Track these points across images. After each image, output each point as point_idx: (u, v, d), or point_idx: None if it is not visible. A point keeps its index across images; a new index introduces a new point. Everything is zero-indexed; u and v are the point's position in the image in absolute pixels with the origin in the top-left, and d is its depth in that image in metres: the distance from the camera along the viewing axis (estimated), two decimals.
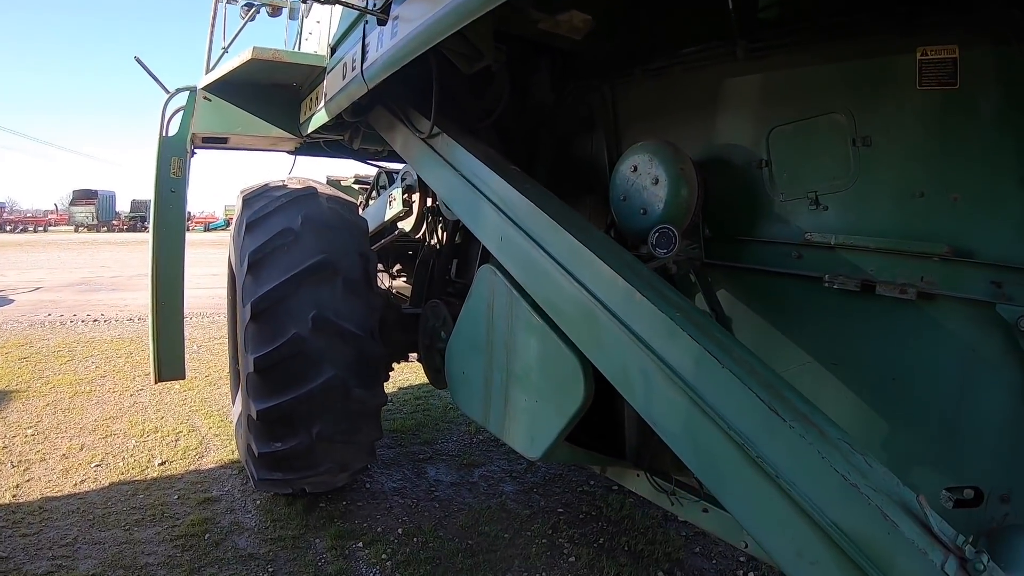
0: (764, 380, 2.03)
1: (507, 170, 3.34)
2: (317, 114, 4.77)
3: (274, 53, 4.64)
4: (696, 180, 3.17)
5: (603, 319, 2.52)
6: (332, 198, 4.87)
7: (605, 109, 4.04)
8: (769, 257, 3.11)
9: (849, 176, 2.75)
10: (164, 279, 5.35)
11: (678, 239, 2.95)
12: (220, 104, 5.39)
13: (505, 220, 3.10)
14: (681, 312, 2.33)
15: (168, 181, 5.38)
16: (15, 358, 9.82)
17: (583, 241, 2.69)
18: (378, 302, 4.59)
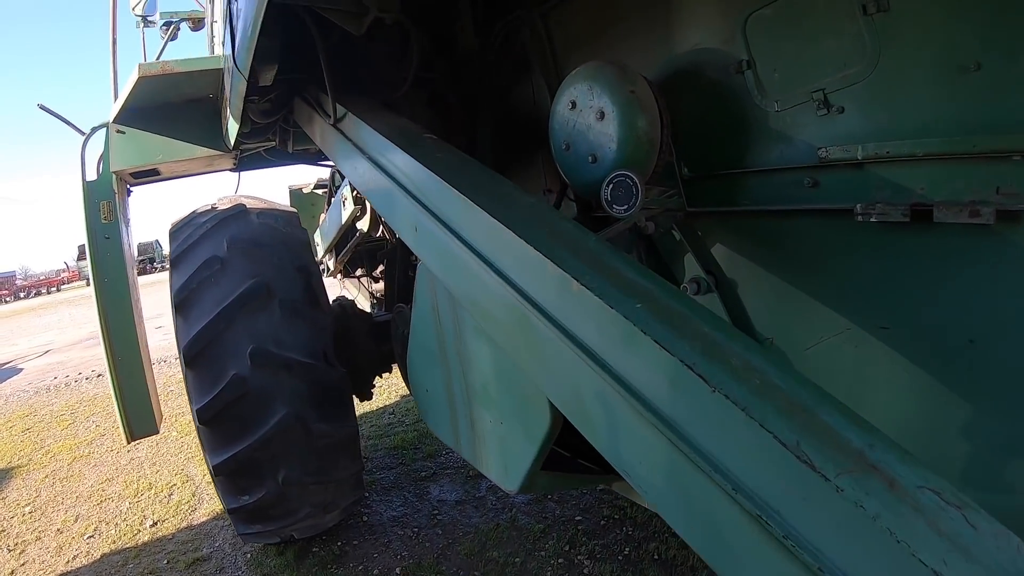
0: (789, 401, 1.22)
1: (418, 144, 2.62)
2: (229, 123, 4.00)
3: (163, 66, 4.04)
4: (657, 104, 2.38)
5: (538, 326, 1.73)
6: (264, 212, 4.28)
7: (539, 43, 3.26)
8: (773, 191, 2.34)
9: (865, 58, 1.98)
10: (116, 332, 4.74)
11: (640, 188, 2.13)
12: (135, 135, 4.70)
13: (416, 206, 2.34)
14: (646, 301, 1.51)
15: (100, 228, 4.74)
16: (19, 430, 9.59)
17: (505, 218, 1.90)
18: (327, 320, 3.92)
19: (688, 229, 2.64)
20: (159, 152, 4.72)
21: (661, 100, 2.39)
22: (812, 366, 2.29)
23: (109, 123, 4.68)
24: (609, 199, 2.20)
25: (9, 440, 9.16)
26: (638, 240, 2.72)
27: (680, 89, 2.55)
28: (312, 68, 3.35)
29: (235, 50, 2.99)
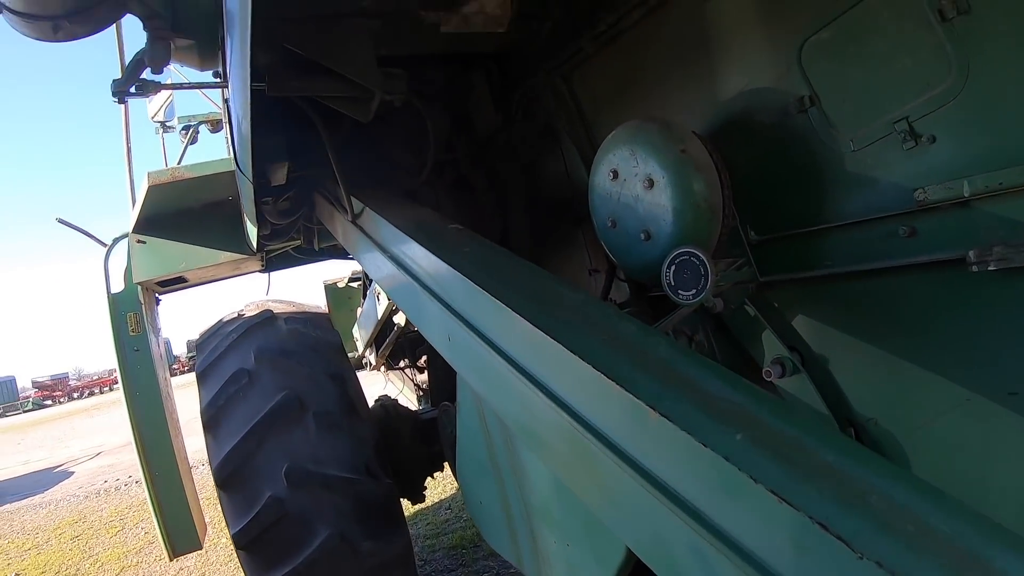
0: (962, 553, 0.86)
1: (442, 238, 2.30)
2: (248, 226, 3.76)
3: (172, 173, 3.90)
4: (713, 161, 2.04)
5: (605, 461, 1.33)
6: (293, 317, 4.04)
7: (564, 108, 2.96)
8: (861, 248, 1.96)
9: (952, 73, 1.67)
10: (151, 447, 4.55)
11: (709, 268, 1.77)
12: (156, 244, 4.54)
13: (446, 312, 1.98)
14: (748, 428, 1.17)
15: (129, 341, 4.58)
16: (68, 537, 9.53)
17: (550, 326, 1.52)
18: (366, 429, 3.62)
19: (763, 302, 2.26)
20: (182, 260, 4.53)
21: (717, 156, 2.05)
22: (928, 446, 1.90)
23: (129, 233, 4.52)
24: (673, 284, 1.84)
25: (58, 548, 9.06)
26: (705, 320, 2.34)
27: (736, 140, 2.21)
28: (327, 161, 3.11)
29: (236, 152, 2.76)
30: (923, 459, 1.91)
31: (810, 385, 2.11)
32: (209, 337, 3.95)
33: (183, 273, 4.64)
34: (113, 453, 18.19)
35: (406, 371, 6.09)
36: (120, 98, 2.95)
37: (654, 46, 2.47)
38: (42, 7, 2.58)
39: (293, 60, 2.44)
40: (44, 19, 2.63)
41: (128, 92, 2.94)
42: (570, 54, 2.76)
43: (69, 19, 2.64)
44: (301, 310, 4.13)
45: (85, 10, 2.65)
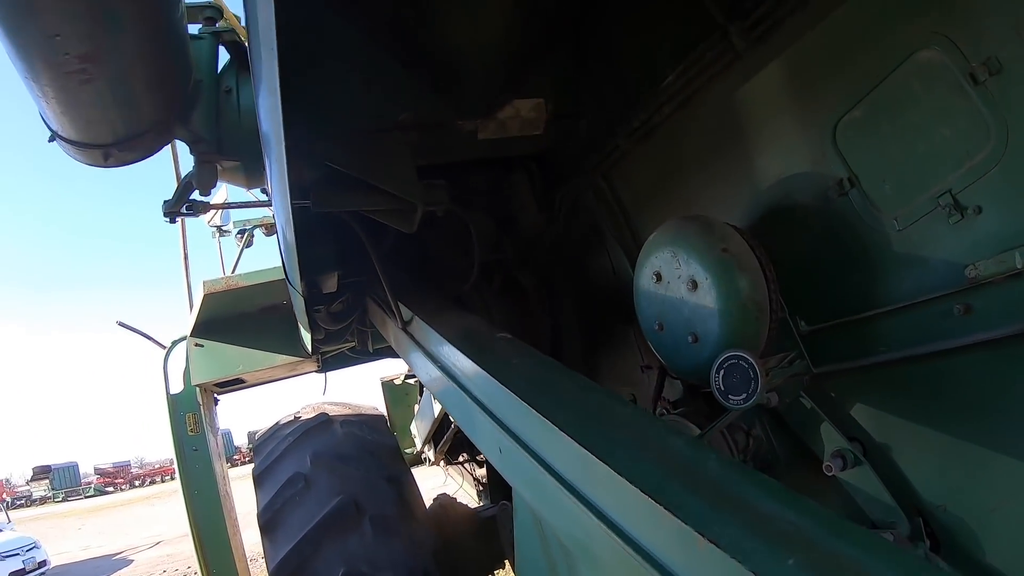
0: None
1: (490, 350, 2.27)
2: (303, 331, 3.84)
3: (227, 282, 4.00)
4: (756, 257, 2.00)
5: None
6: (349, 420, 4.04)
7: (606, 206, 2.96)
8: (916, 331, 1.88)
9: (991, 137, 1.61)
10: (208, 544, 4.61)
11: (759, 371, 1.72)
12: (214, 347, 4.66)
13: (495, 425, 1.95)
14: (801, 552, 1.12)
15: (187, 440, 4.70)
16: None
17: (597, 446, 1.49)
18: (424, 532, 3.54)
19: (819, 393, 2.17)
20: (239, 363, 4.63)
21: (760, 251, 2.01)
22: (1002, 530, 1.79)
23: (187, 337, 4.65)
24: (722, 388, 1.79)
25: None
26: (762, 413, 2.27)
27: (778, 230, 2.18)
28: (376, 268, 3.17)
29: (285, 264, 2.83)
30: (998, 544, 1.80)
31: (873, 475, 2.02)
32: (266, 440, 3.98)
33: (240, 375, 4.74)
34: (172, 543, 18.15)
35: (465, 466, 6.02)
36: (172, 219, 3.08)
37: (688, 139, 2.48)
38: (93, 136, 2.73)
39: (336, 176, 2.51)
40: (95, 147, 2.79)
41: (179, 212, 3.08)
42: (607, 152, 2.78)
43: (118, 147, 2.80)
44: (357, 412, 4.14)
45: (133, 138, 2.80)
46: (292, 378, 5.45)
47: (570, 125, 2.90)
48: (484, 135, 2.73)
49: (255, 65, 1.94)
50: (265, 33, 1.65)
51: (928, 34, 1.68)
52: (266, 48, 1.67)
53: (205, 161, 3.00)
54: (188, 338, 4.61)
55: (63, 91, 2.36)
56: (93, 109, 2.54)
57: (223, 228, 6.60)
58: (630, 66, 2.66)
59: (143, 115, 2.75)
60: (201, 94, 3.00)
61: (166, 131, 2.88)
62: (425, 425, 5.17)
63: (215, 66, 3.17)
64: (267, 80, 1.83)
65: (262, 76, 1.85)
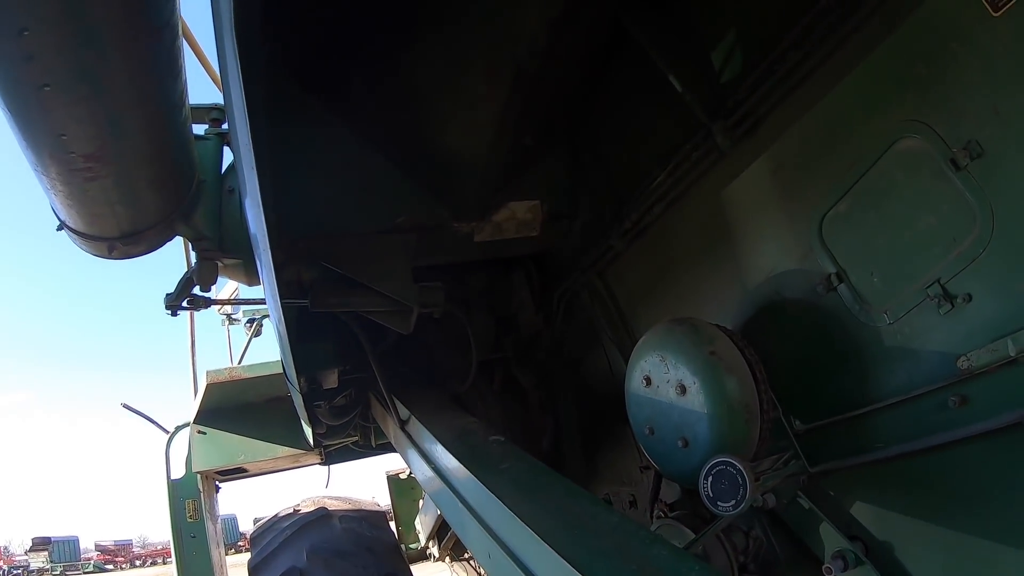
0: None
1: (482, 454, 2.28)
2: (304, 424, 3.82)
3: (230, 372, 4.02)
4: (745, 358, 1.99)
5: None
6: (348, 515, 4.05)
7: (602, 305, 2.97)
8: (911, 425, 1.84)
9: (976, 222, 1.61)
10: None
11: (747, 478, 1.69)
12: (217, 435, 4.65)
13: (484, 531, 1.92)
14: None
15: (186, 527, 4.63)
16: None
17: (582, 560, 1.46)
18: None
19: (817, 492, 2.12)
20: (241, 452, 4.60)
21: (749, 351, 2.01)
22: None
23: (191, 423, 4.65)
24: (711, 495, 1.77)
25: None
26: (761, 515, 2.22)
27: (768, 328, 2.18)
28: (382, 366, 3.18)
29: (283, 360, 2.84)
30: None
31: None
32: (264, 531, 3.97)
33: (242, 464, 4.70)
34: None
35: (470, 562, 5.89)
36: (173, 311, 3.12)
37: (678, 238, 2.51)
38: (99, 229, 2.79)
39: (334, 276, 2.55)
40: (100, 240, 2.84)
41: (180, 306, 3.12)
42: (602, 251, 2.81)
43: (122, 241, 2.84)
44: (357, 507, 4.11)
45: (137, 234, 2.85)
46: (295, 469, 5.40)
47: (565, 226, 2.95)
48: (481, 237, 2.77)
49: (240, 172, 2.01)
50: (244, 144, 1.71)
51: (907, 122, 1.72)
52: (246, 157, 1.74)
53: (206, 258, 3.05)
54: (191, 425, 4.61)
55: (69, 185, 2.43)
56: (98, 204, 2.60)
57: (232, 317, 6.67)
58: (620, 167, 2.72)
59: (147, 212, 2.81)
60: (204, 193, 3.07)
61: (169, 228, 2.94)
62: (429, 520, 5.08)
63: (219, 166, 3.26)
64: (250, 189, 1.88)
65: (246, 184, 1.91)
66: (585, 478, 3.37)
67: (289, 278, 2.56)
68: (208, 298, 3.27)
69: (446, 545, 5.25)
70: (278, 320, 2.44)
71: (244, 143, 1.73)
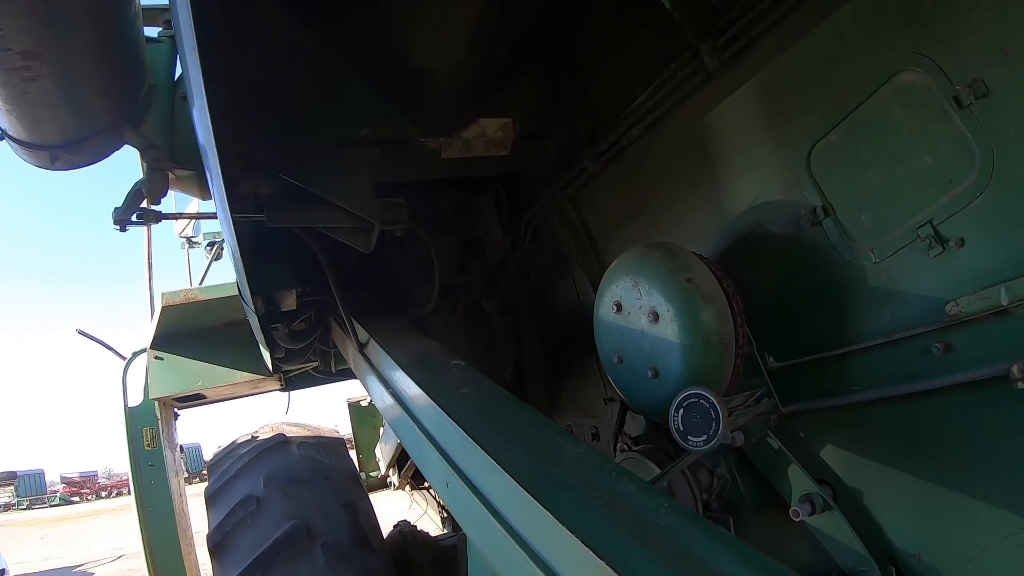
0: None
1: (442, 378, 2.16)
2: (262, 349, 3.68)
3: (185, 295, 3.88)
4: (722, 288, 1.89)
5: None
6: (306, 442, 3.87)
7: (572, 230, 2.81)
8: (891, 369, 1.78)
9: (976, 165, 1.52)
10: (162, 563, 4.49)
11: (721, 412, 1.59)
12: (175, 361, 4.48)
13: (442, 459, 1.82)
14: None
15: (144, 455, 4.50)
16: None
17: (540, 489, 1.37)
18: (379, 562, 3.39)
19: (788, 433, 2.05)
20: (199, 378, 4.46)
21: (727, 282, 1.91)
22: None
23: (147, 349, 4.48)
24: (681, 429, 1.67)
25: None
26: (727, 453, 2.15)
27: (747, 260, 2.08)
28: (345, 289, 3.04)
29: (238, 281, 2.70)
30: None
31: (843, 521, 1.89)
32: (221, 459, 3.83)
33: (201, 391, 4.57)
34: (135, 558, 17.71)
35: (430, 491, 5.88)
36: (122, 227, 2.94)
37: (657, 163, 2.39)
38: (41, 136, 2.61)
39: (292, 190, 2.41)
40: (43, 149, 2.66)
41: (129, 221, 2.93)
42: (575, 175, 2.68)
43: (66, 149, 2.67)
44: (316, 434, 4.00)
45: (82, 141, 2.67)
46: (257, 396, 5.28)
47: (538, 147, 2.81)
48: (449, 154, 2.62)
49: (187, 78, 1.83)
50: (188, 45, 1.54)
51: (909, 54, 1.60)
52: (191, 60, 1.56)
53: (156, 168, 2.86)
54: (148, 350, 4.44)
55: (7, 87, 2.25)
56: (40, 109, 2.43)
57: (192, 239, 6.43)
58: (600, 87, 2.58)
59: (93, 118, 2.62)
60: (155, 99, 2.88)
61: (117, 135, 2.76)
62: (389, 448, 5.02)
63: (172, 71, 3.05)
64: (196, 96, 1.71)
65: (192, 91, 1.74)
66: (547, 408, 3.30)
67: (245, 192, 2.41)
68: (159, 212, 3.08)
69: (406, 474, 5.21)
70: (230, 237, 2.29)
71: (188, 44, 1.55)
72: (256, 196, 2.44)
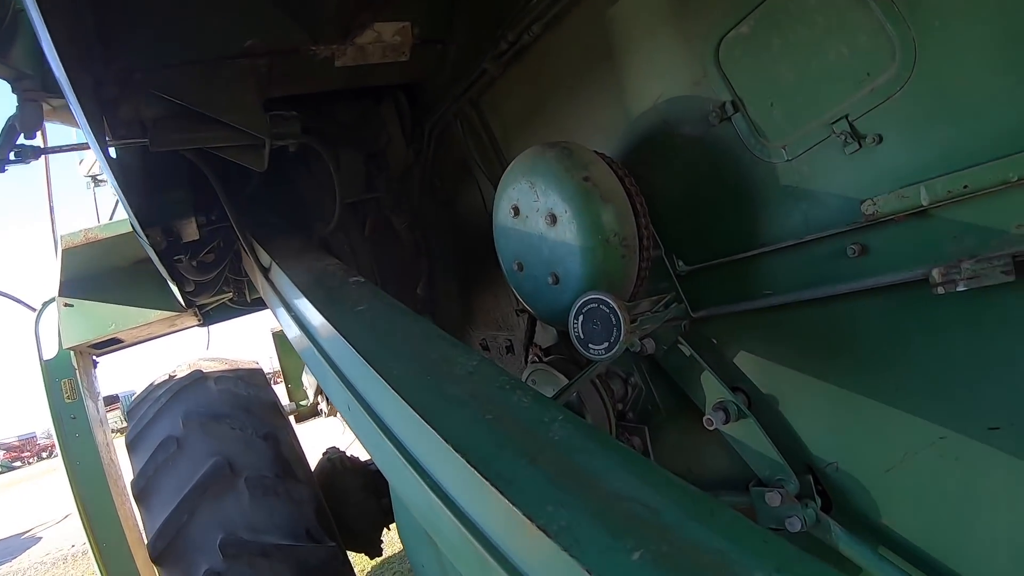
0: None
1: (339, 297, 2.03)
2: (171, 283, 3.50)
3: (85, 235, 3.65)
4: (625, 187, 1.78)
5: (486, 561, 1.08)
6: (224, 376, 3.77)
7: (475, 137, 2.69)
8: (804, 272, 1.70)
9: (897, 56, 1.40)
10: (95, 517, 4.21)
11: (622, 317, 1.51)
12: (84, 306, 4.22)
13: (339, 381, 1.71)
14: (647, 544, 0.92)
15: (65, 409, 4.27)
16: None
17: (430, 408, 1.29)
18: (305, 491, 3.33)
19: (700, 339, 1.99)
20: (111, 322, 4.21)
21: (629, 180, 1.80)
22: (899, 491, 1.65)
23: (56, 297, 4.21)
24: (582, 336, 1.59)
25: None
26: (640, 362, 2.10)
27: (653, 160, 1.97)
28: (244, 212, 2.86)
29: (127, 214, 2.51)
30: (894, 505, 1.67)
31: (759, 429, 1.85)
32: (139, 403, 3.71)
33: (116, 335, 4.35)
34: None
35: None
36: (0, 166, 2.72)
37: (559, 62, 2.24)
38: None
39: (176, 110, 2.22)
40: None
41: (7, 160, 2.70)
42: (475, 78, 2.52)
43: None
44: (233, 367, 3.87)
45: None
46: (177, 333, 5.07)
47: (439, 51, 2.63)
48: (343, 62, 2.43)
49: None
50: None
51: None
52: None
53: (29, 100, 2.60)
54: (57, 299, 4.19)
55: None
56: None
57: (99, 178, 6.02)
58: None
59: None
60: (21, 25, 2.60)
61: None
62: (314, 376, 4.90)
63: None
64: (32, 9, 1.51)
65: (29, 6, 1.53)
66: (462, 323, 3.23)
67: (128, 116, 2.21)
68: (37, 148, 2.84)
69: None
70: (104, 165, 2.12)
71: None
72: (140, 121, 2.25)
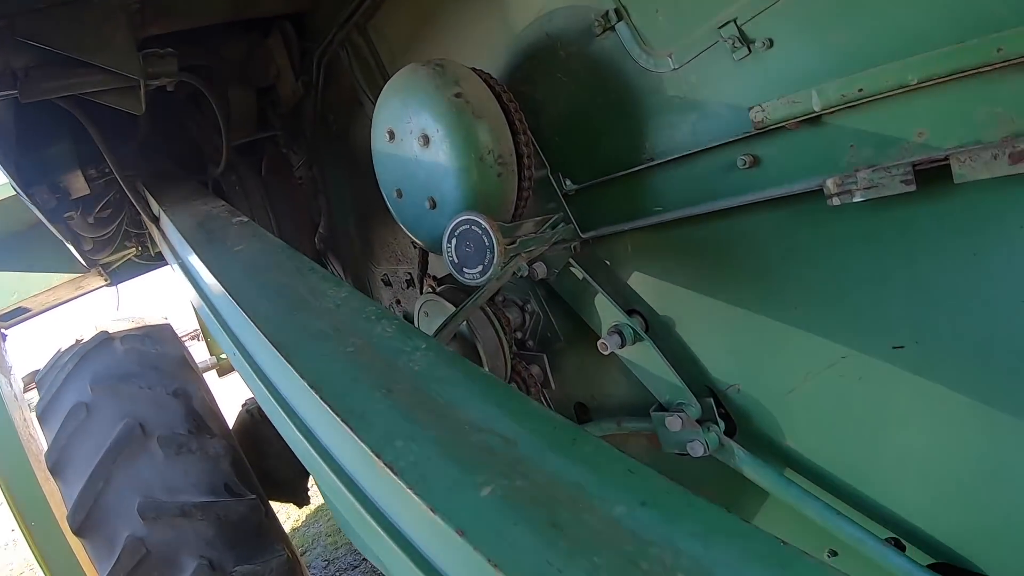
0: None
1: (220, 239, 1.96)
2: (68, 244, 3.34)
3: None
4: (501, 103, 1.71)
5: (343, 494, 1.06)
6: (131, 335, 3.60)
7: (363, 65, 2.57)
8: (695, 186, 1.63)
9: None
10: (21, 499, 4.10)
11: (494, 236, 1.46)
12: None
13: (219, 325, 1.65)
14: (500, 479, 0.90)
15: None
16: None
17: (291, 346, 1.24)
18: (220, 445, 3.26)
19: (591, 261, 1.94)
20: (14, 291, 4.07)
21: (507, 96, 1.72)
22: (802, 412, 1.63)
23: None
24: (456, 261, 1.54)
25: None
26: (536, 287, 2.07)
27: (537, 76, 1.89)
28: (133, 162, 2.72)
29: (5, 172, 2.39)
30: (797, 427, 1.65)
31: (656, 353, 1.81)
32: (48, 372, 3.54)
33: (21, 304, 4.16)
34: None
35: None
36: None
37: None
38: None
39: (47, 57, 2.09)
40: None
41: None
42: (359, 2, 2.40)
43: None
44: (140, 325, 3.73)
45: None
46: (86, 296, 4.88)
47: None
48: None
49: None
50: None
51: None
52: None
53: None
54: None
55: None
56: None
57: None
58: None
59: None
60: None
61: None
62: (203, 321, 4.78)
63: None
64: None
65: None
66: (363, 259, 3.16)
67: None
68: None
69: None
70: None
71: None
72: (12, 72, 2.10)
